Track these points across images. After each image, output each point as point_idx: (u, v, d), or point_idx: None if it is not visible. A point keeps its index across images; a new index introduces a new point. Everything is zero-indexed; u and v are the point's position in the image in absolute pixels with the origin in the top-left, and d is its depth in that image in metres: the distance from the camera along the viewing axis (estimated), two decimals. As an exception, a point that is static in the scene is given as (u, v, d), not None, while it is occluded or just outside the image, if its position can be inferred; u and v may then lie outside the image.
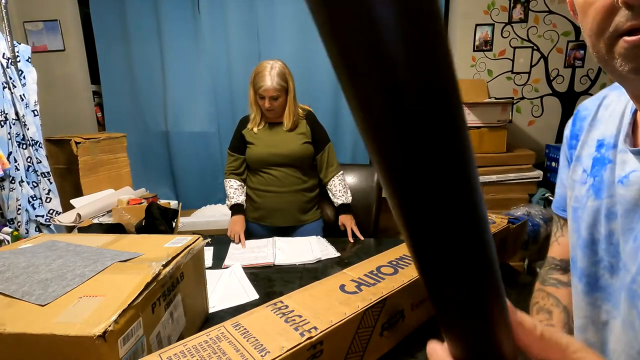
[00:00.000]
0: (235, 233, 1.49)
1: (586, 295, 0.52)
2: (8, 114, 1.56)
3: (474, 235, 0.20)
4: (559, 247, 0.65)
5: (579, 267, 0.54)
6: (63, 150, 1.89)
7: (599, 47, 0.40)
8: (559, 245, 0.65)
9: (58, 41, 2.41)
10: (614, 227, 0.48)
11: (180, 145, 2.58)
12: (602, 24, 0.38)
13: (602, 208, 0.49)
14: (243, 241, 1.45)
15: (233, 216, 1.58)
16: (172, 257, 0.75)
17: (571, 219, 0.56)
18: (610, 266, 0.49)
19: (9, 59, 1.58)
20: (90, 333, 0.51)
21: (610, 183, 0.49)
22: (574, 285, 0.56)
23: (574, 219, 0.55)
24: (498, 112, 2.22)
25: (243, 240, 1.45)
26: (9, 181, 1.56)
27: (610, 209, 0.48)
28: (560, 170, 0.63)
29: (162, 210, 1.37)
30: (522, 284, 1.05)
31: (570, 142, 0.59)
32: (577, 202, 0.54)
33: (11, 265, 0.71)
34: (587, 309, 0.53)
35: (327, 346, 0.60)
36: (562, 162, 0.62)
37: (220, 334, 0.59)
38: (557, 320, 0.58)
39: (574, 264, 0.55)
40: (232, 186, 1.65)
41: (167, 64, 2.46)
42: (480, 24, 2.45)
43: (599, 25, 0.38)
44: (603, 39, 0.39)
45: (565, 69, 2.51)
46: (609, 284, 0.49)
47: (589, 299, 0.52)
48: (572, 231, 0.55)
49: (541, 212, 1.73)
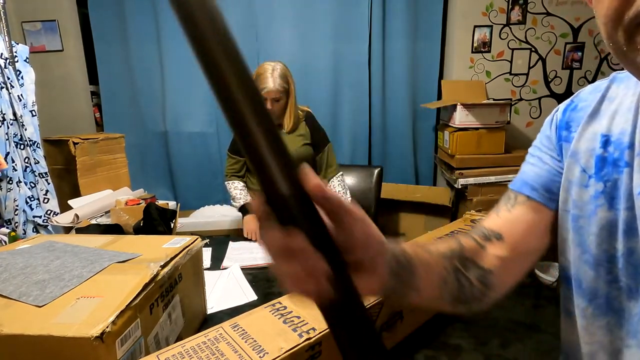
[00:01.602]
0: (252, 231, 1.50)
1: (597, 318, 0.47)
2: (6, 114, 1.56)
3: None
4: (498, 220, 0.54)
5: (586, 287, 0.47)
6: (61, 150, 1.88)
7: (616, 36, 0.34)
8: (499, 219, 0.54)
9: (56, 41, 2.40)
10: (635, 246, 0.42)
11: (178, 146, 2.57)
12: (620, 9, 0.32)
13: (620, 221, 0.43)
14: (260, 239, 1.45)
15: (246, 216, 1.57)
16: (171, 257, 0.74)
17: (569, 228, 0.49)
18: (628, 289, 0.43)
19: (7, 59, 1.58)
20: (88, 334, 0.51)
21: (628, 192, 0.42)
22: (578, 306, 0.49)
23: (573, 229, 0.48)
24: (496, 114, 2.22)
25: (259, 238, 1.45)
26: (6, 181, 1.55)
27: (630, 224, 0.42)
28: (539, 151, 0.54)
29: (161, 210, 1.36)
30: (521, 285, 1.05)
31: (560, 133, 0.51)
32: (577, 209, 0.47)
33: (8, 266, 0.71)
34: (598, 334, 0.47)
35: (326, 347, 0.60)
36: (544, 144, 0.54)
37: (219, 335, 0.59)
38: (440, 248, 0.50)
39: (578, 284, 0.49)
40: (237, 187, 1.65)
41: (165, 64, 2.46)
42: (479, 26, 2.45)
43: (616, 10, 0.33)
44: (621, 27, 0.33)
45: (563, 70, 2.52)
46: (623, 307, 0.44)
47: (600, 322, 0.46)
48: (571, 243, 0.49)
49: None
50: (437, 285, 0.45)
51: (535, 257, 0.55)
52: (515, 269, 0.54)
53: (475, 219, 1.14)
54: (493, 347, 0.79)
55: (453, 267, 0.47)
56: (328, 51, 2.46)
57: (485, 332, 0.84)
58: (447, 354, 0.77)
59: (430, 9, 2.49)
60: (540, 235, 0.53)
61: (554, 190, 0.51)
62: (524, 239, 0.52)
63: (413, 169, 2.68)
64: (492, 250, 0.52)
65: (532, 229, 0.52)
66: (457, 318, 0.89)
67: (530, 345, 0.79)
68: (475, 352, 0.77)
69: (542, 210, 0.52)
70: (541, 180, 0.52)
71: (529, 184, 0.53)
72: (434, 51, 2.57)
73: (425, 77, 2.60)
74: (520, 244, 0.52)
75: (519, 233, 0.52)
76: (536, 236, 0.53)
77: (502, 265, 0.51)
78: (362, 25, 2.44)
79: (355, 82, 2.51)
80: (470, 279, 0.48)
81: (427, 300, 0.44)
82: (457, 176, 2.22)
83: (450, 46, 2.57)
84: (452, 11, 2.52)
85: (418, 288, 0.41)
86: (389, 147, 2.65)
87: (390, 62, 2.54)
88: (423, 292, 0.42)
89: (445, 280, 0.46)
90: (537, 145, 0.55)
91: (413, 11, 2.47)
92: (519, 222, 0.53)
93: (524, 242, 0.52)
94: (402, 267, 0.39)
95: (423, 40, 2.54)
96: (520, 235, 0.52)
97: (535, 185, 0.52)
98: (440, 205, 2.40)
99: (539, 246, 0.53)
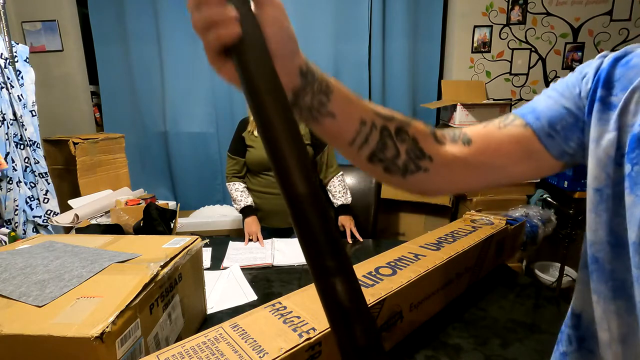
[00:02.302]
0: (252, 233, 1.51)
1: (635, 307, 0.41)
2: (6, 114, 1.56)
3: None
4: (481, 130, 0.49)
5: (608, 270, 0.42)
6: (61, 150, 1.88)
7: None
8: (482, 129, 0.49)
9: (56, 41, 2.40)
10: None
11: (178, 146, 2.57)
12: None
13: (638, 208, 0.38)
14: (261, 240, 1.46)
15: (246, 218, 1.58)
16: (170, 258, 0.74)
17: (594, 204, 0.43)
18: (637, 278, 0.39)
19: (7, 59, 1.58)
20: (88, 334, 0.51)
21: None
22: (601, 292, 0.44)
23: (597, 203, 0.42)
24: (496, 114, 2.22)
25: (261, 239, 1.46)
26: (6, 182, 1.55)
27: None
28: (559, 94, 0.47)
29: (160, 211, 1.36)
30: (521, 285, 1.05)
31: (595, 86, 0.42)
32: (609, 188, 0.41)
33: (8, 266, 0.71)
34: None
35: (326, 347, 0.60)
36: (564, 92, 0.47)
37: (219, 335, 0.59)
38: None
39: (600, 266, 0.43)
40: (238, 189, 1.65)
41: (165, 65, 2.46)
42: (479, 26, 2.45)
43: None
44: None
45: (563, 70, 2.52)
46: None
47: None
48: (595, 223, 0.43)
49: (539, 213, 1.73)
50: (355, 127, 0.44)
51: (490, 178, 0.50)
52: (461, 174, 0.49)
53: (475, 219, 1.14)
54: (493, 347, 0.79)
55: (382, 125, 0.45)
56: (328, 51, 2.46)
57: (485, 332, 0.84)
58: (447, 354, 0.77)
59: (430, 9, 2.49)
60: (513, 161, 0.47)
61: (557, 129, 0.45)
62: (494, 153, 0.48)
63: (413, 169, 2.68)
64: (448, 147, 0.48)
65: (510, 151, 0.47)
66: (457, 318, 0.89)
67: (530, 345, 0.79)
68: (475, 352, 0.78)
69: (533, 142, 0.46)
70: (550, 113, 0.46)
71: (535, 112, 0.47)
72: (434, 51, 2.57)
73: (425, 77, 2.61)
74: (485, 155, 0.48)
75: (491, 148, 0.48)
76: (508, 157, 0.47)
77: (449, 162, 0.48)
78: (362, 25, 2.44)
79: (355, 82, 2.51)
80: (398, 147, 0.46)
81: (344, 141, 0.44)
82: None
83: (450, 46, 2.57)
84: (452, 11, 2.52)
85: (333, 114, 0.42)
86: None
87: (390, 62, 2.54)
88: (339, 125, 0.43)
89: (367, 128, 0.44)
90: (557, 89, 0.49)
91: (413, 11, 2.47)
92: (501, 141, 0.47)
93: (490, 155, 0.48)
94: (314, 77, 0.40)
95: (423, 40, 2.54)
96: (492, 149, 0.48)
97: (540, 116, 0.47)
98: (440, 205, 2.40)
99: (505, 167, 0.48)
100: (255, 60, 0.33)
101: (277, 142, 0.31)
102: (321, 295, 0.30)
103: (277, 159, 0.31)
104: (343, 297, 0.30)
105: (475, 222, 1.12)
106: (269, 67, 0.33)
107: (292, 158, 0.30)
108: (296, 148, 0.31)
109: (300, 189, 0.30)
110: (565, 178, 2.06)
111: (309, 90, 0.40)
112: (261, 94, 0.32)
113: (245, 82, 0.32)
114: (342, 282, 0.30)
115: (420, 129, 0.48)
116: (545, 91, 0.49)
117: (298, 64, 0.39)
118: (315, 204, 0.30)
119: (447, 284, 0.90)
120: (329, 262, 0.30)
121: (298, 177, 0.30)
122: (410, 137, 0.46)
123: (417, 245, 0.97)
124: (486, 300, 0.96)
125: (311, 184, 0.31)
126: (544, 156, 0.47)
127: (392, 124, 0.46)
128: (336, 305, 0.30)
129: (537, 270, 2.32)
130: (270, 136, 0.31)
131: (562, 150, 0.46)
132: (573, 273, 2.24)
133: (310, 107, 0.41)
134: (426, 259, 0.88)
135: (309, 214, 0.30)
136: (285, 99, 0.32)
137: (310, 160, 0.29)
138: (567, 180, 2.04)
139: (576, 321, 0.51)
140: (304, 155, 0.31)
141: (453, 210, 2.43)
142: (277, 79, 0.33)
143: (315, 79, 0.41)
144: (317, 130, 0.44)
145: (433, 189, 0.51)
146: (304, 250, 0.31)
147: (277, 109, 0.31)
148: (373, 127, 0.44)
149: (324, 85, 0.41)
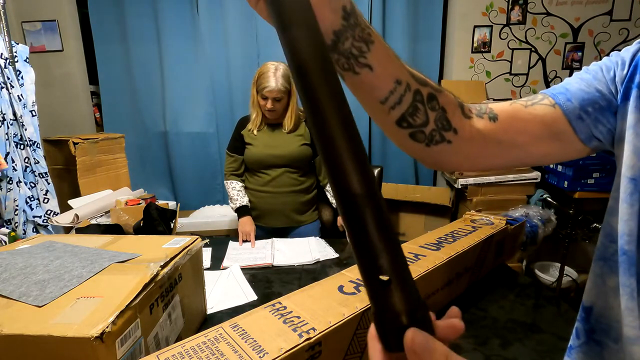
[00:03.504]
0: (245, 233, 1.51)
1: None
2: (6, 114, 1.56)
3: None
4: (508, 107, 0.48)
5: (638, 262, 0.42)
6: (61, 150, 1.88)
7: None
8: (509, 107, 0.48)
9: (56, 41, 2.40)
10: None
11: (178, 146, 2.57)
12: None
13: None
14: (253, 241, 1.46)
15: (241, 218, 1.58)
16: (170, 258, 0.74)
17: (627, 193, 0.42)
18: None
19: (7, 59, 1.58)
20: (88, 334, 0.51)
21: None
22: (627, 286, 0.43)
23: (631, 193, 0.41)
24: (496, 114, 2.22)
25: (253, 241, 1.46)
26: (6, 181, 1.55)
27: None
28: (592, 77, 0.46)
29: (160, 210, 1.36)
30: (521, 285, 1.05)
31: (633, 79, 0.42)
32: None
33: (8, 266, 0.71)
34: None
35: (326, 347, 0.60)
36: (597, 75, 0.45)
37: (219, 335, 0.59)
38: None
39: (628, 258, 0.42)
40: (235, 188, 1.65)
41: (165, 65, 2.46)
42: (479, 26, 2.45)
43: None
44: None
45: (563, 70, 2.52)
46: None
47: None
48: (627, 213, 0.42)
49: (539, 213, 1.73)
50: (390, 85, 0.42)
51: (511, 156, 0.49)
52: (482, 150, 0.48)
53: (475, 219, 1.14)
54: (493, 347, 0.79)
55: (416, 89, 0.43)
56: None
57: (485, 332, 0.84)
58: (447, 354, 0.77)
59: (430, 9, 2.49)
60: (537, 140, 0.46)
61: (589, 111, 0.44)
62: (518, 130, 0.46)
63: (413, 169, 2.68)
64: (475, 121, 0.47)
65: (534, 130, 0.46)
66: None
67: (530, 345, 0.79)
68: (475, 352, 0.77)
69: (561, 122, 0.45)
70: (582, 95, 0.45)
71: (567, 93, 0.46)
72: (434, 51, 2.57)
73: (425, 77, 2.61)
74: (509, 132, 0.47)
75: (516, 125, 0.47)
76: (532, 135, 0.46)
77: (473, 136, 0.47)
78: (362, 25, 2.44)
79: (355, 82, 2.51)
80: (428, 115, 0.44)
81: (375, 98, 0.42)
82: (457, 176, 2.22)
83: (450, 46, 2.57)
84: (452, 11, 2.52)
85: (370, 66, 0.40)
86: (389, 147, 2.65)
87: (390, 62, 2.54)
88: (375, 79, 0.40)
89: (402, 88, 0.42)
90: (590, 71, 0.47)
91: (413, 11, 2.47)
92: (527, 120, 0.46)
93: (514, 132, 0.47)
94: (357, 22, 0.38)
95: (423, 41, 2.54)
96: (517, 127, 0.46)
97: (571, 98, 0.45)
98: (440, 205, 2.40)
99: (527, 145, 0.47)
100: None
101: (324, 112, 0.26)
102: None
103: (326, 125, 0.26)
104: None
105: (475, 222, 1.12)
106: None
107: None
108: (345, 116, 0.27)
109: (355, 187, 0.25)
110: (565, 178, 2.06)
111: (349, 35, 0.38)
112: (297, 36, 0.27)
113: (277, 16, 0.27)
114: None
115: (450, 100, 0.46)
116: (577, 74, 0.48)
117: (342, 2, 0.37)
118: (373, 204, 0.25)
119: (447, 284, 0.90)
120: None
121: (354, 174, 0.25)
122: (440, 106, 0.45)
123: (417, 245, 0.97)
124: (486, 300, 0.96)
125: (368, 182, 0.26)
126: (570, 138, 0.46)
127: (425, 89, 0.44)
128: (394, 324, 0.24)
129: (537, 270, 2.32)
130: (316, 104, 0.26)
131: (591, 134, 0.45)
132: (573, 273, 2.24)
133: (349, 53, 0.39)
134: (426, 259, 0.88)
135: (366, 215, 0.25)
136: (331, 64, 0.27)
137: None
138: (567, 180, 2.04)
139: (586, 314, 0.50)
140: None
141: (453, 210, 2.43)
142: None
143: (358, 24, 0.39)
144: (350, 81, 0.41)
145: (453, 162, 0.50)
146: (359, 262, 0.25)
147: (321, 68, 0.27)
148: (407, 89, 0.43)
149: (366, 33, 0.39)
